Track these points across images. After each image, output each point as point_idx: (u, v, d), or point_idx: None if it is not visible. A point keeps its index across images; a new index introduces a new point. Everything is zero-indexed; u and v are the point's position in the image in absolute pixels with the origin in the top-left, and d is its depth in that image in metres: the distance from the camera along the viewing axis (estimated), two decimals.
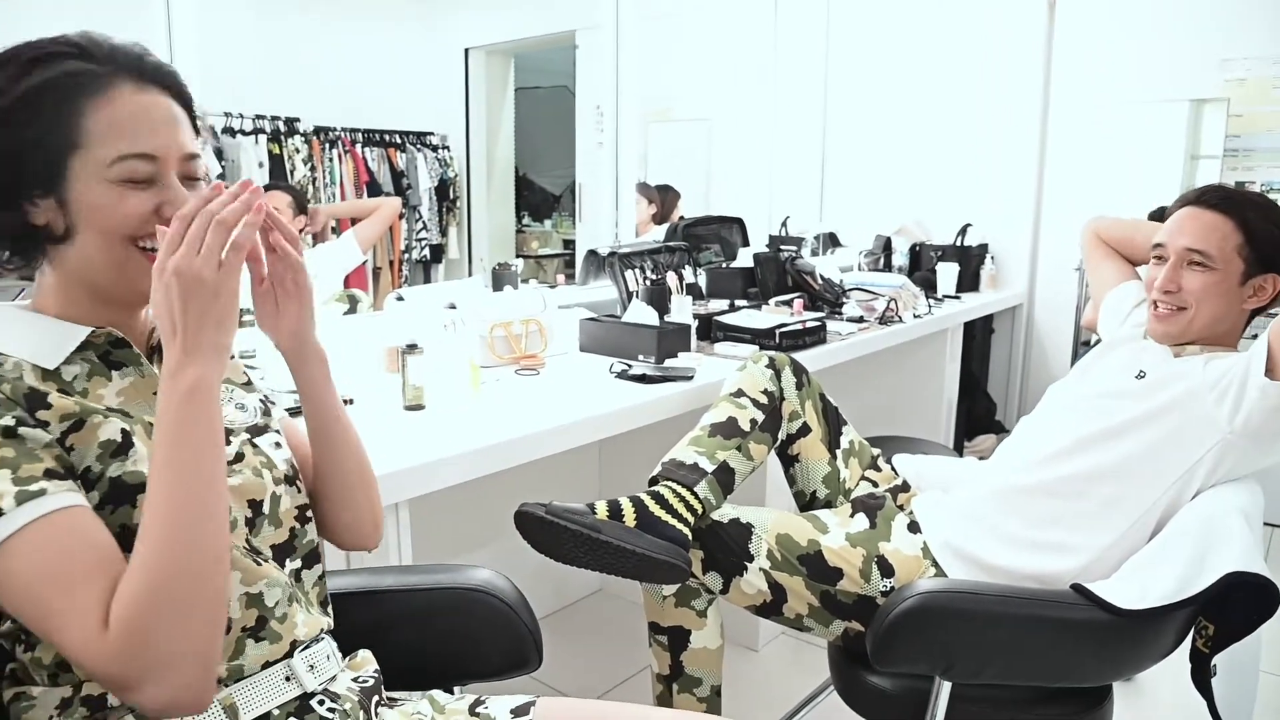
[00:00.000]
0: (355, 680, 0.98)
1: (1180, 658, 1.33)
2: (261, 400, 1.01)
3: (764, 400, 1.64)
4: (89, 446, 0.80)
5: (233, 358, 1.00)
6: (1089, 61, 3.47)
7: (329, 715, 0.90)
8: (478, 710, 1.03)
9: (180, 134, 0.85)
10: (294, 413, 1.09)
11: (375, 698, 0.98)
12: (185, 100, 0.88)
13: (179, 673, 0.72)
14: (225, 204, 0.78)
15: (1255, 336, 1.38)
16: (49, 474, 0.76)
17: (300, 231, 2.62)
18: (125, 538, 0.77)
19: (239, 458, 0.92)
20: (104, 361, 0.86)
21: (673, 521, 1.43)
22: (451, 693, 1.13)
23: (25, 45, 0.82)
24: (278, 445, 0.98)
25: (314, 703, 0.91)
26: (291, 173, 3.40)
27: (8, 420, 0.76)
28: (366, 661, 1.03)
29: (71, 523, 0.75)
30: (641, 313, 2.29)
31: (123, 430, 0.82)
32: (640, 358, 2.10)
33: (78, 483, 0.78)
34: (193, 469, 0.76)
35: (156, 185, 0.83)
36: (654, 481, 1.51)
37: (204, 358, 0.77)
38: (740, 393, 1.65)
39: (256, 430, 0.96)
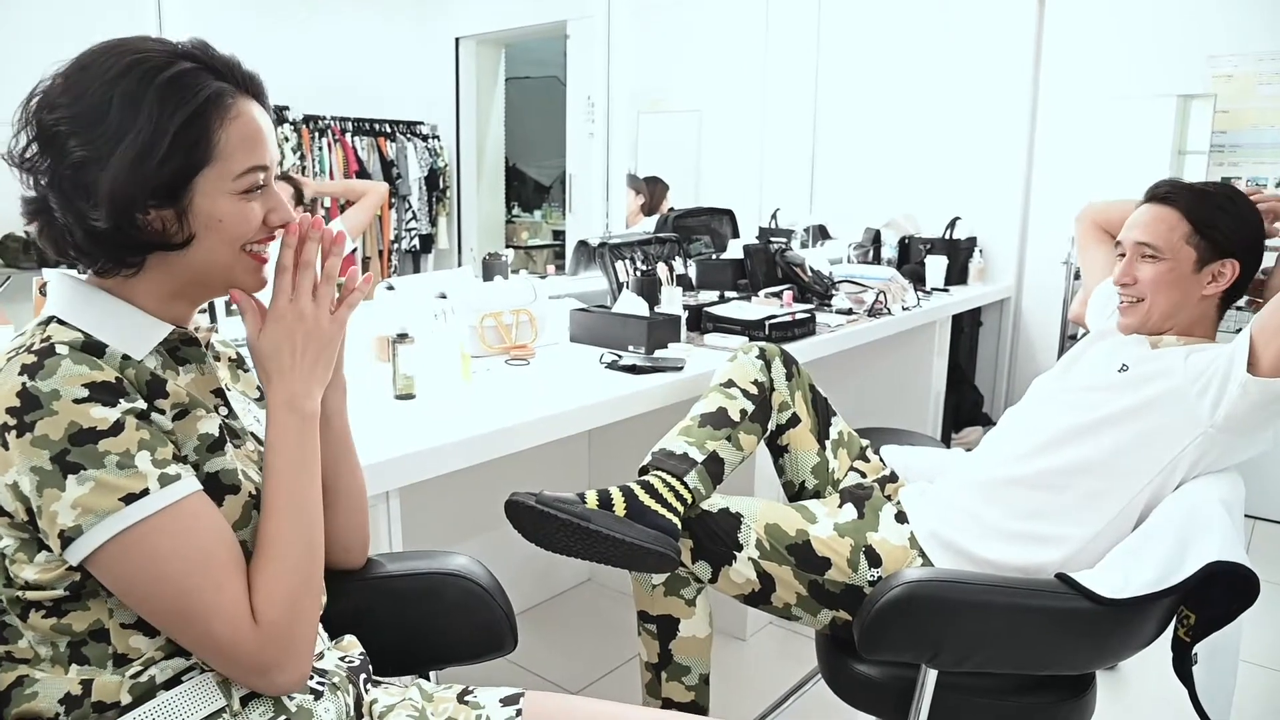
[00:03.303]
0: (342, 660, 1.01)
1: (1162, 647, 1.35)
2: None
3: (754, 391, 1.65)
4: (189, 437, 0.86)
5: (246, 370, 1.04)
6: (1078, 56, 3.48)
7: (319, 688, 0.92)
8: (466, 699, 1.05)
9: (274, 143, 0.90)
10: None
11: (363, 675, 1.01)
12: (268, 108, 0.93)
13: (306, 656, 0.85)
14: (315, 251, 0.89)
15: (1239, 330, 1.40)
16: (176, 459, 0.82)
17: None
18: None
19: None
20: (172, 356, 0.91)
21: (662, 511, 1.44)
22: (428, 678, 1.15)
23: (139, 60, 0.81)
24: None
25: None
26: (280, 161, 3.38)
27: (140, 404, 0.81)
28: (352, 645, 1.05)
29: (201, 509, 0.82)
30: (632, 303, 2.30)
31: (220, 426, 0.89)
32: (630, 348, 2.10)
33: (189, 468, 0.83)
34: (309, 486, 0.88)
35: (263, 193, 0.88)
36: (644, 471, 1.52)
37: (316, 393, 0.90)
38: (731, 383, 1.66)
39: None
